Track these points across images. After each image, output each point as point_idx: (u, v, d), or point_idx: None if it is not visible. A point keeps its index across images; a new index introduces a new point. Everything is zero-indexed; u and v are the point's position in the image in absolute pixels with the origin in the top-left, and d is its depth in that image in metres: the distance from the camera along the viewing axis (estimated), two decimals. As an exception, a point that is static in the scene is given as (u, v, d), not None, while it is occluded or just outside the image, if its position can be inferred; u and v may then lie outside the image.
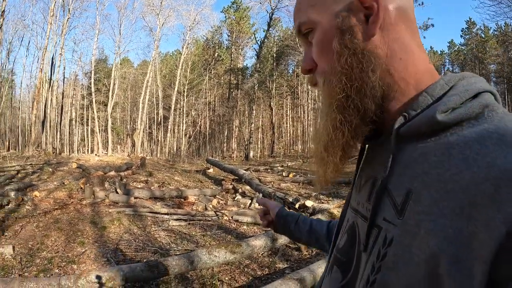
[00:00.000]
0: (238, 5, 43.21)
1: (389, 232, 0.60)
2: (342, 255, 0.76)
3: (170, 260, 4.47)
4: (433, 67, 0.69)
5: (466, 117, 0.57)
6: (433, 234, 0.51)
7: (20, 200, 8.66)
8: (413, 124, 0.61)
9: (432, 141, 0.59)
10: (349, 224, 0.77)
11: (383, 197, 0.63)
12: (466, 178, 0.50)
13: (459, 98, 0.58)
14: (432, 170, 0.56)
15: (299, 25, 0.74)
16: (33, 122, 27.27)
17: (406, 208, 0.57)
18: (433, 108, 0.59)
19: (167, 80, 47.52)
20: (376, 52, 0.65)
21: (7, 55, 39.15)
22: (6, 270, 4.88)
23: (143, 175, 14.51)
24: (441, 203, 0.52)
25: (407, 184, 0.59)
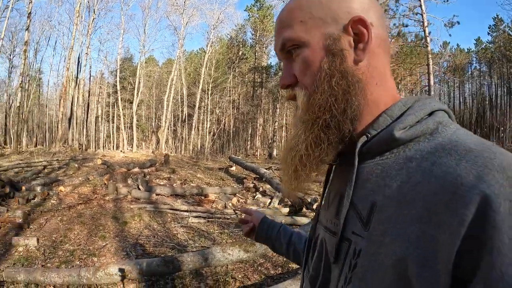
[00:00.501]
0: (261, 3, 43.14)
1: (358, 244, 0.64)
2: (313, 270, 0.80)
3: (185, 256, 4.61)
4: (394, 86, 0.74)
5: (422, 133, 0.62)
6: (399, 241, 0.55)
7: (45, 194, 8.98)
8: (374, 142, 0.67)
9: (392, 156, 0.64)
10: (319, 240, 0.81)
11: (350, 212, 0.67)
12: (424, 187, 0.55)
13: (415, 117, 0.64)
14: (393, 182, 0.60)
15: (284, 41, 0.74)
16: (60, 119, 27.97)
17: (371, 220, 0.62)
18: (392, 127, 0.65)
19: (192, 78, 47.90)
20: (360, 78, 0.69)
21: (34, 55, 40.49)
22: (30, 261, 5.14)
23: (166, 172, 14.75)
24: (403, 212, 0.56)
25: (371, 198, 0.64)
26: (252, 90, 45.22)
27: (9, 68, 37.60)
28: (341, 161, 0.76)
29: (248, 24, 45.76)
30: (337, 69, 0.68)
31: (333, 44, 0.69)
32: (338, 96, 0.68)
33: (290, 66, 0.76)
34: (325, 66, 0.69)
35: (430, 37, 23.01)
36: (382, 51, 0.71)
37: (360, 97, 0.68)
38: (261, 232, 1.36)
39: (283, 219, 7.56)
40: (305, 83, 0.72)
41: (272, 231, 1.34)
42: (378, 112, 0.69)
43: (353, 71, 0.69)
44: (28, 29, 25.71)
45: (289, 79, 0.75)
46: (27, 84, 34.05)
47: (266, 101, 44.28)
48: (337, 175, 0.80)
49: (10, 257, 5.27)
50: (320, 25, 0.70)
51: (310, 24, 0.71)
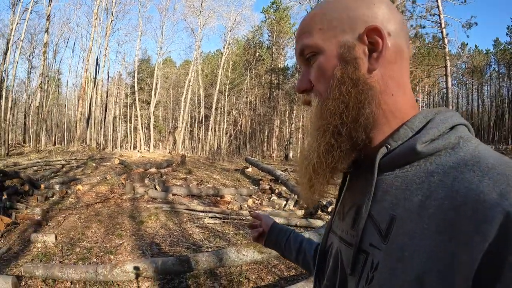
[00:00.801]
0: (278, 5, 43.17)
1: (375, 257, 0.63)
2: (327, 280, 0.80)
3: (200, 256, 4.65)
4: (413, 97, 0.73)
5: (444, 147, 0.62)
6: (418, 255, 0.55)
7: (64, 193, 9.15)
8: (395, 154, 0.66)
9: (413, 169, 0.64)
10: (334, 251, 0.80)
11: (368, 223, 0.67)
12: (446, 203, 0.54)
13: (437, 131, 0.63)
14: (414, 196, 0.60)
15: (303, 48, 0.75)
16: (79, 119, 28.40)
17: (391, 233, 0.61)
18: (414, 140, 0.64)
19: (209, 80, 48.17)
20: (373, 86, 0.68)
21: (53, 56, 41.35)
22: (48, 257, 5.24)
23: (182, 172, 14.86)
24: (424, 226, 0.56)
25: (390, 211, 0.63)
26: (269, 92, 45.26)
27: (28, 69, 38.37)
28: (357, 171, 0.76)
29: (265, 25, 45.82)
30: (349, 76, 0.68)
31: (347, 52, 0.69)
32: (349, 104, 0.68)
33: (308, 71, 0.76)
34: (337, 73, 0.69)
35: (448, 38, 22.75)
36: (399, 61, 0.71)
37: (374, 106, 0.68)
38: (271, 238, 1.34)
39: (298, 221, 7.55)
40: (319, 90, 0.73)
41: (282, 238, 1.32)
42: (396, 122, 0.69)
43: (365, 79, 0.69)
44: (47, 31, 26.20)
45: (305, 84, 0.76)
46: (46, 84, 34.64)
47: (282, 102, 44.26)
48: (353, 185, 0.80)
49: (28, 253, 5.38)
50: (337, 33, 0.71)
51: (328, 32, 0.71)
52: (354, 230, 0.71)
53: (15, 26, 25.38)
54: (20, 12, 26.22)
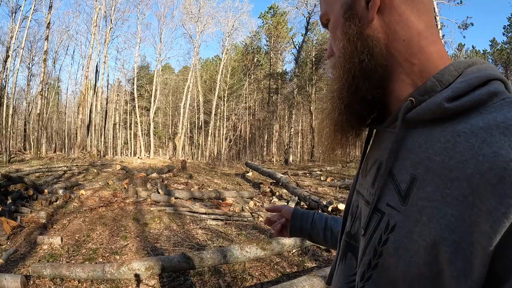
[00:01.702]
0: (275, 10, 43.35)
1: (392, 218, 0.60)
2: (356, 241, 0.75)
3: (204, 253, 4.76)
4: (444, 49, 0.67)
5: (474, 104, 0.56)
6: (435, 221, 0.51)
7: (67, 197, 9.24)
8: (420, 110, 0.61)
9: (439, 127, 0.58)
10: (358, 209, 0.77)
11: (388, 182, 0.64)
12: (470, 166, 0.50)
13: (468, 85, 0.57)
14: (437, 156, 0.55)
15: (320, 17, 0.78)
16: (79, 126, 28.47)
17: (410, 195, 0.57)
18: (441, 95, 0.58)
19: (208, 86, 48.29)
20: (374, 36, 0.66)
21: (53, 63, 41.44)
22: (55, 258, 5.34)
23: (183, 177, 14.94)
24: (445, 191, 0.52)
25: (411, 170, 0.59)
26: (267, 97, 45.35)
27: (28, 76, 38.48)
28: (381, 127, 0.74)
29: (263, 31, 45.97)
30: (346, 32, 0.69)
31: (347, 10, 0.69)
32: (352, 58, 0.67)
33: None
34: (339, 32, 0.71)
35: (445, 40, 22.90)
36: (406, 3, 0.65)
37: (380, 57, 0.66)
38: (295, 226, 1.28)
39: (300, 221, 7.64)
40: (336, 52, 0.75)
41: (306, 222, 1.26)
42: (415, 71, 0.65)
43: (367, 32, 0.67)
44: (47, 38, 26.35)
45: (330, 51, 0.78)
46: (46, 92, 34.78)
47: (281, 107, 44.34)
48: (377, 141, 0.77)
49: (35, 254, 5.47)
50: None
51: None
52: (373, 188, 0.69)
53: (15, 34, 25.57)
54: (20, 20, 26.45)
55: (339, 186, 14.03)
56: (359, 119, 0.74)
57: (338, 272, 0.81)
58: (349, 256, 0.76)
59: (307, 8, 34.87)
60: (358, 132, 0.78)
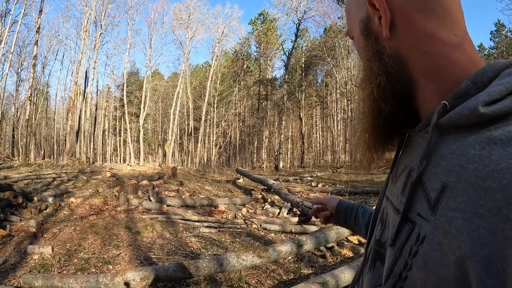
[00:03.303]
0: (265, 16, 43.65)
1: (422, 228, 0.56)
2: (382, 247, 0.72)
3: (200, 262, 4.68)
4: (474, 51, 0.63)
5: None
6: (466, 234, 0.48)
7: (57, 205, 9.10)
8: (454, 115, 0.57)
9: (474, 133, 0.54)
10: (386, 215, 0.74)
11: (417, 190, 0.60)
12: (506, 176, 0.46)
13: (505, 88, 0.52)
14: (470, 164, 0.51)
15: (347, 33, 0.77)
16: (68, 132, 28.22)
17: (440, 204, 0.54)
18: (476, 99, 0.54)
19: (197, 92, 48.29)
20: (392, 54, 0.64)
21: (42, 69, 41.01)
22: (46, 268, 5.22)
23: (174, 184, 14.84)
24: (477, 201, 0.48)
25: (442, 178, 0.55)
26: (257, 103, 45.46)
27: (16, 81, 38.11)
28: (413, 131, 0.69)
29: (252, 37, 46.24)
30: (370, 50, 0.66)
31: (364, 28, 0.68)
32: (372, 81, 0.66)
33: None
34: (362, 51, 0.70)
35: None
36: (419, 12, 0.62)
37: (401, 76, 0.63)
38: (339, 219, 1.32)
39: (293, 228, 7.62)
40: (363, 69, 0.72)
41: (351, 216, 1.28)
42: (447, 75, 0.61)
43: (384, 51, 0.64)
44: (37, 43, 26.15)
45: None
46: (35, 97, 34.46)
47: (271, 113, 44.51)
48: (409, 146, 0.72)
49: (26, 264, 5.34)
50: (356, 13, 0.70)
51: (352, 14, 0.73)
52: (403, 196, 0.65)
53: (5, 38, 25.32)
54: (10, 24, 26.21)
55: (331, 192, 14.05)
56: (388, 137, 0.74)
57: (365, 281, 0.77)
58: (378, 265, 0.72)
59: (297, 15, 35.18)
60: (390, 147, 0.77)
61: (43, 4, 26.33)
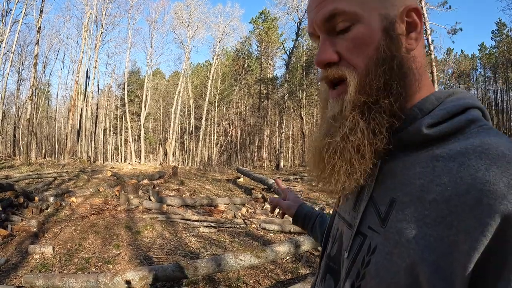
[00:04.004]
0: (266, 15, 43.57)
1: (373, 240, 0.61)
2: (335, 263, 0.76)
3: (199, 262, 4.74)
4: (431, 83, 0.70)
5: (452, 131, 0.59)
6: (414, 242, 0.53)
7: (58, 205, 9.16)
8: (401, 136, 0.63)
9: (418, 153, 0.60)
10: (338, 232, 0.78)
11: (368, 205, 0.65)
12: (449, 189, 0.52)
13: (447, 113, 0.60)
14: (416, 180, 0.57)
15: (335, 12, 0.65)
16: (69, 132, 28.25)
17: (389, 217, 0.59)
18: (420, 122, 0.61)
19: (198, 91, 48.31)
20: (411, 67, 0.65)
21: (43, 68, 41.06)
22: (47, 268, 5.29)
23: (175, 183, 14.90)
24: (423, 212, 0.54)
25: (391, 193, 0.61)
26: (258, 102, 45.44)
27: (18, 80, 38.15)
28: None
29: (253, 36, 46.13)
30: (395, 54, 0.64)
31: (390, 27, 0.64)
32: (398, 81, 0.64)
33: (332, 41, 0.68)
34: (383, 48, 0.64)
35: (434, 45, 23.18)
36: (421, 43, 0.68)
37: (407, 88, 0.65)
38: (297, 222, 1.40)
39: (292, 228, 7.66)
40: (354, 63, 0.66)
41: (308, 224, 1.34)
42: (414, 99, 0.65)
43: (407, 59, 0.65)
44: (38, 43, 26.21)
45: (332, 55, 0.67)
46: (36, 97, 34.53)
47: (272, 112, 44.47)
48: None
49: (27, 264, 5.41)
50: (377, 4, 0.65)
51: (367, 1, 0.65)
52: (355, 211, 0.70)
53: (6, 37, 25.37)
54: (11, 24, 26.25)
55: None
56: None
57: None
58: (328, 277, 0.78)
59: (297, 14, 35.05)
60: None
61: (43, 3, 26.39)
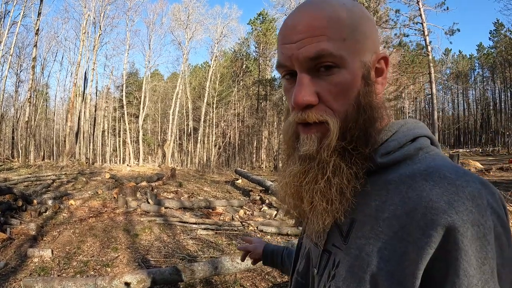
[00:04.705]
0: (264, 17, 43.69)
1: (337, 255, 0.70)
2: (302, 278, 0.86)
3: (196, 265, 4.80)
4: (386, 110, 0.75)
5: (402, 158, 0.67)
6: (372, 255, 0.61)
7: (57, 208, 9.20)
8: None
9: (374, 178, 0.68)
10: (306, 250, 0.86)
11: (332, 226, 0.72)
12: (399, 208, 0.60)
13: (397, 143, 0.68)
14: (372, 202, 0.65)
15: (322, 53, 0.65)
16: (67, 133, 28.24)
17: (350, 235, 0.67)
18: (375, 152, 0.68)
19: (197, 92, 48.36)
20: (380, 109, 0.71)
21: (41, 70, 40.84)
22: (46, 271, 5.33)
23: (173, 185, 14.94)
24: (378, 229, 0.62)
25: (351, 214, 0.68)
26: (256, 103, 45.50)
27: (16, 82, 38.08)
28: None
29: (252, 37, 46.25)
30: (372, 100, 0.69)
31: (368, 74, 0.69)
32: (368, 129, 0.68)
33: (313, 82, 0.67)
34: (362, 96, 0.67)
35: (431, 46, 23.31)
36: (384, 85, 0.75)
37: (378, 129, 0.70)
38: (266, 262, 1.48)
39: (289, 230, 7.72)
40: (334, 108, 0.67)
41: (277, 260, 1.42)
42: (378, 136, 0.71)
43: (378, 104, 0.70)
44: (36, 45, 26.24)
45: (314, 98, 0.67)
46: (34, 99, 34.52)
47: (270, 113, 44.51)
48: None
49: (26, 267, 5.45)
50: (360, 51, 0.67)
51: (352, 47, 0.66)
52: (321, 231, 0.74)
53: (4, 39, 25.38)
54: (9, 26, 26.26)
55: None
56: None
57: None
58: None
59: (295, 15, 35.12)
60: None
61: (42, 5, 26.44)
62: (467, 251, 0.52)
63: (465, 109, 67.78)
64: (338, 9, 0.67)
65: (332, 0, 0.68)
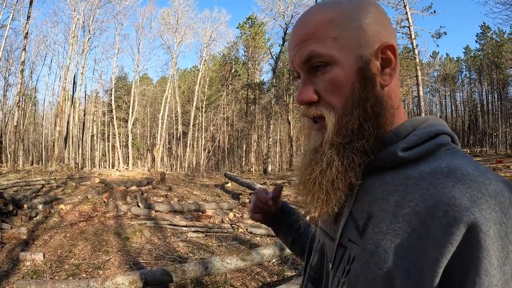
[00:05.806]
0: (253, 20, 43.87)
1: (352, 250, 0.68)
2: (315, 272, 0.84)
3: (186, 265, 4.90)
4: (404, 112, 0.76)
5: (423, 154, 0.66)
6: (389, 252, 0.59)
7: (47, 212, 9.21)
8: (378, 159, 0.69)
9: (393, 172, 0.67)
10: (320, 244, 0.85)
11: (348, 220, 0.71)
12: (419, 204, 0.58)
13: (419, 138, 0.67)
14: (391, 197, 0.64)
15: (312, 55, 0.70)
16: (56, 138, 28.04)
17: (367, 230, 0.66)
18: (396, 146, 0.68)
19: (186, 96, 48.36)
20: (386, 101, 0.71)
21: (30, 74, 40.58)
22: (38, 274, 5.39)
23: (163, 189, 14.97)
24: (397, 225, 0.60)
25: (368, 209, 0.67)
26: (245, 107, 45.60)
27: (4, 86, 37.79)
28: None
29: (240, 41, 46.36)
30: (370, 94, 0.69)
31: (365, 67, 0.69)
32: (372, 122, 0.69)
33: (312, 81, 0.73)
34: (358, 90, 0.69)
35: (418, 49, 23.48)
36: (396, 76, 0.74)
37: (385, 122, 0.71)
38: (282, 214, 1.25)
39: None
40: (332, 103, 0.71)
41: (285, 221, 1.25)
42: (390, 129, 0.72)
43: (382, 97, 0.70)
44: (25, 49, 26.11)
45: (313, 96, 0.73)
46: (23, 103, 34.27)
47: (259, 117, 44.58)
48: None
49: (18, 271, 5.50)
50: (354, 46, 0.69)
51: (344, 43, 0.69)
52: (336, 225, 0.76)
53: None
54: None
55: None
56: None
57: None
58: (309, 286, 0.86)
59: (284, 19, 35.40)
60: None
61: (31, 8, 26.38)
62: (489, 250, 0.51)
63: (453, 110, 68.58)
64: (328, 11, 0.71)
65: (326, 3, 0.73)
